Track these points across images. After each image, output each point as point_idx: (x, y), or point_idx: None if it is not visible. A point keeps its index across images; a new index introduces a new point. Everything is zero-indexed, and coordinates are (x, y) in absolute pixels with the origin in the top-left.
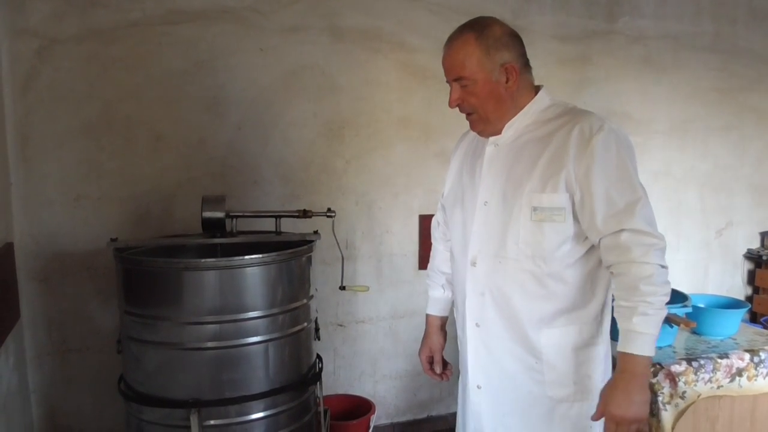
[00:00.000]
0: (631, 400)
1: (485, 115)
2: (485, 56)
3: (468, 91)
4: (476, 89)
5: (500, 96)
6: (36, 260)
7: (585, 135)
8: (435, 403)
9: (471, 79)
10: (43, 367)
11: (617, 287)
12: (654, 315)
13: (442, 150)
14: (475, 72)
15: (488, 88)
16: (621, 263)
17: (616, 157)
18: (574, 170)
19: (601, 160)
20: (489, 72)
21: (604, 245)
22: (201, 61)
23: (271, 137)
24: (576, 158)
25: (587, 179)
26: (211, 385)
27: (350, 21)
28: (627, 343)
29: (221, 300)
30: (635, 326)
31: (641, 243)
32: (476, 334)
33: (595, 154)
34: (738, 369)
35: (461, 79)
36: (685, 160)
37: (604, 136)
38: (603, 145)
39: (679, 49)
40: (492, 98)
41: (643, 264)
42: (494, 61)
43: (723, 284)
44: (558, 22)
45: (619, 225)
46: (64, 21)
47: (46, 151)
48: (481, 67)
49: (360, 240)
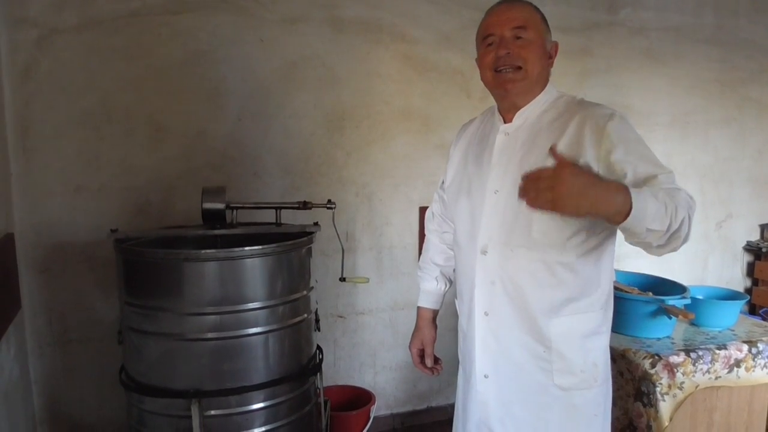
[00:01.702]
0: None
1: (531, 72)
2: (544, 25)
3: (524, 44)
4: (533, 46)
5: (545, 64)
6: (36, 250)
7: (599, 123)
8: (434, 394)
9: (533, 33)
10: (44, 358)
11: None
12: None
13: (443, 141)
14: (537, 29)
15: (542, 50)
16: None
17: (634, 139)
18: (593, 156)
19: (623, 140)
20: (545, 38)
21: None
22: (201, 51)
23: (272, 128)
24: (594, 144)
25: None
26: (212, 376)
27: (351, 12)
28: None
29: (221, 291)
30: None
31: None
32: (485, 323)
33: (612, 138)
34: (736, 360)
35: (522, 29)
36: (686, 152)
37: (617, 121)
38: (618, 129)
39: (681, 41)
40: (541, 61)
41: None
42: (549, 33)
43: (722, 276)
44: (559, 13)
45: (655, 170)
46: (63, 11)
47: (46, 141)
48: (542, 31)
49: (360, 232)
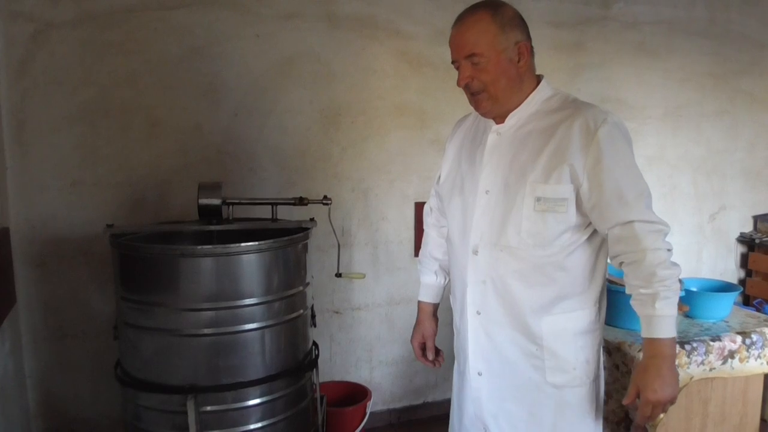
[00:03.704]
0: (666, 383)
1: (495, 93)
2: (500, 33)
3: (479, 68)
4: (489, 66)
5: (511, 75)
6: (32, 245)
7: (590, 127)
8: (431, 389)
9: (485, 56)
10: (39, 352)
11: (631, 276)
12: (673, 297)
13: (438, 137)
14: (489, 48)
15: (502, 66)
16: (634, 252)
17: (621, 150)
18: (580, 162)
19: (608, 153)
20: (503, 49)
21: (614, 235)
22: (197, 47)
23: (267, 124)
24: (581, 150)
25: (595, 171)
26: (208, 372)
27: (346, 8)
28: (653, 328)
29: (217, 287)
30: (659, 311)
31: (651, 231)
32: (477, 321)
33: (601, 146)
34: (730, 351)
35: (473, 57)
36: (679, 145)
37: (608, 128)
38: (608, 138)
39: (674, 34)
40: (504, 76)
41: (656, 250)
42: (509, 38)
43: (716, 268)
44: (552, 8)
45: (630, 216)
46: (59, 5)
47: (42, 136)
48: (496, 44)
49: (356, 227)
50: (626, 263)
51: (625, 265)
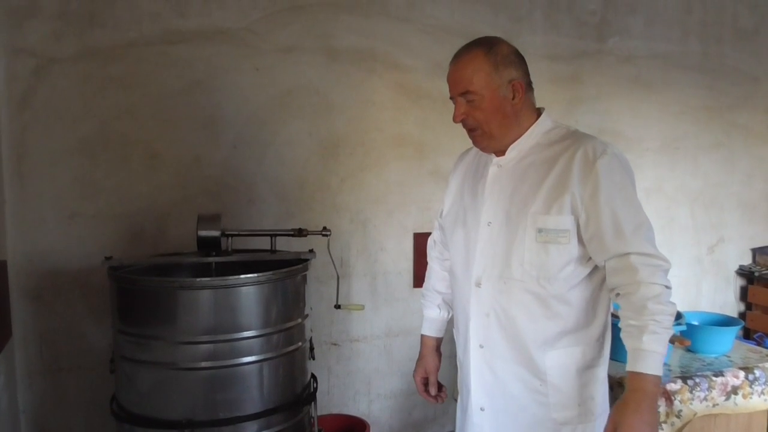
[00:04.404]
0: (644, 420)
1: (490, 130)
2: (494, 72)
3: (474, 106)
4: (483, 104)
5: (506, 112)
6: (29, 278)
7: (589, 158)
8: (429, 423)
9: (478, 94)
10: (33, 387)
11: (624, 308)
12: (662, 334)
13: (436, 168)
14: (483, 87)
15: (495, 103)
16: (628, 284)
17: (620, 181)
18: (579, 193)
19: (607, 184)
20: (496, 87)
21: (611, 267)
22: (197, 80)
23: (267, 156)
24: (581, 181)
25: (593, 202)
26: (205, 406)
27: (345, 41)
28: (637, 362)
29: (216, 319)
30: (645, 345)
31: (648, 264)
32: (480, 355)
33: (599, 177)
34: (733, 387)
35: (468, 94)
36: (676, 178)
37: (607, 159)
38: (607, 169)
39: (669, 68)
40: (498, 114)
41: (651, 284)
42: (502, 77)
43: (716, 301)
44: (549, 42)
45: (627, 248)
46: (62, 40)
47: (42, 168)
48: (490, 82)
49: (354, 258)
50: (621, 295)
51: (620, 297)
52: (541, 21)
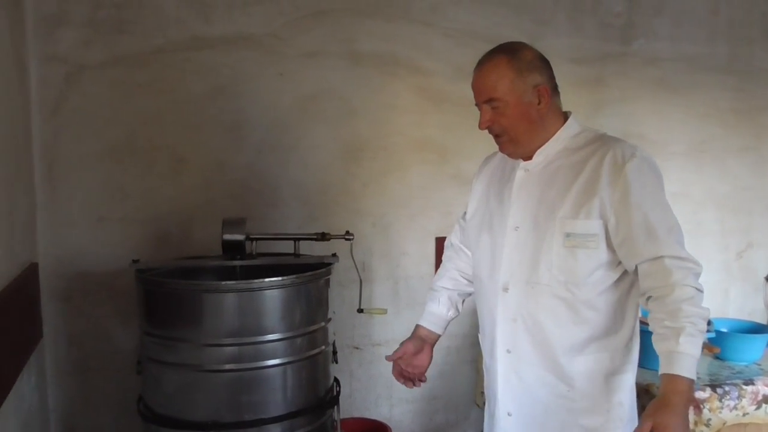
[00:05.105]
0: (680, 423)
1: (516, 136)
2: (518, 78)
3: (499, 112)
4: (508, 111)
5: (531, 118)
6: (59, 280)
7: (618, 162)
8: (451, 428)
9: (503, 101)
10: (63, 387)
11: (657, 311)
12: (698, 337)
13: (458, 172)
14: (507, 93)
15: (520, 109)
16: (662, 287)
17: (650, 184)
18: (608, 197)
19: (637, 187)
20: (521, 94)
21: (643, 271)
22: (222, 86)
23: (290, 160)
24: (610, 185)
25: (623, 206)
26: (230, 408)
27: (368, 46)
28: (673, 364)
29: (240, 322)
30: (681, 347)
31: (682, 267)
32: (507, 360)
33: (629, 180)
34: (764, 396)
35: (492, 101)
36: (704, 181)
37: (637, 162)
38: (636, 172)
39: (695, 70)
40: (524, 120)
41: (685, 287)
42: (527, 82)
43: (744, 307)
44: (573, 45)
45: (660, 251)
46: (91, 48)
47: (72, 173)
48: (514, 88)
49: (377, 262)
50: (653, 298)
51: (652, 300)
52: (565, 24)
